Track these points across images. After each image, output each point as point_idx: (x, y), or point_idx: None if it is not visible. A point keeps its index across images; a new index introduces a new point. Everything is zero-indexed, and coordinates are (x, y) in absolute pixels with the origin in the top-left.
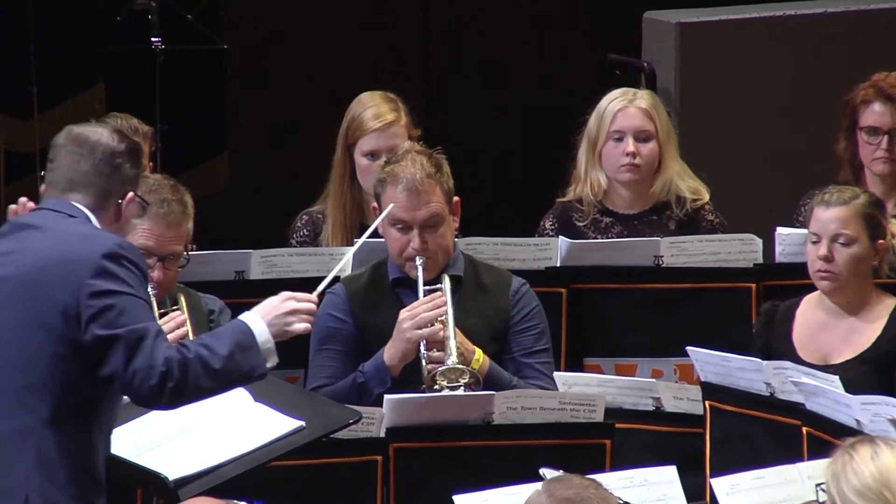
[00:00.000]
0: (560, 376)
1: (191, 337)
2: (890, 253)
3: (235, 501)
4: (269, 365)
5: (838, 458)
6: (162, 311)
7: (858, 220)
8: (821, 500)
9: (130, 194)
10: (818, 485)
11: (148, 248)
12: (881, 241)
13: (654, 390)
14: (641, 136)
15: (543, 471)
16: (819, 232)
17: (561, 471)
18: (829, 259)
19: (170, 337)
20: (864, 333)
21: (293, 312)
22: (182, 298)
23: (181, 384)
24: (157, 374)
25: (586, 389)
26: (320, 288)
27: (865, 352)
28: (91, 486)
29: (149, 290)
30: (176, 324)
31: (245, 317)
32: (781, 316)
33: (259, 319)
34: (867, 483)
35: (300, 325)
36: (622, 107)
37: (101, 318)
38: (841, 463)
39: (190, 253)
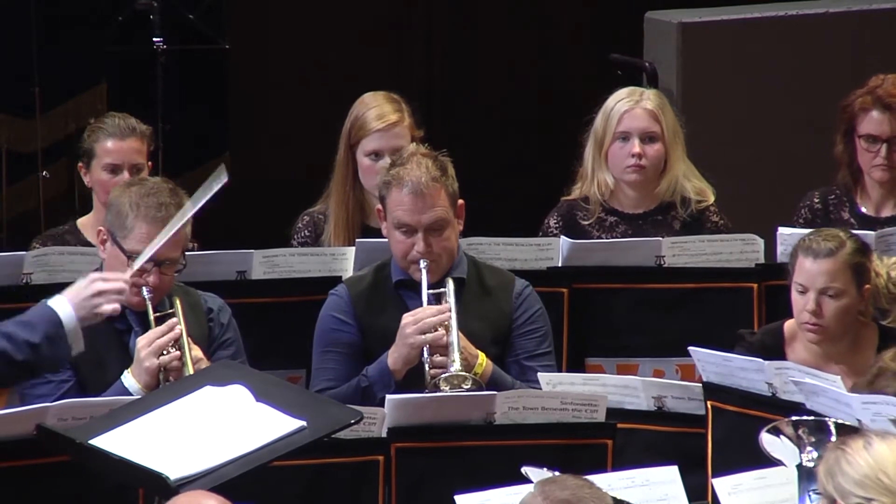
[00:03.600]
0: (544, 376)
1: (185, 339)
2: (876, 292)
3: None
4: (74, 352)
5: (830, 455)
6: (158, 314)
7: (847, 271)
8: None
9: None
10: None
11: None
12: (867, 286)
13: (637, 388)
14: (647, 138)
15: (525, 470)
16: (806, 284)
17: (545, 469)
18: (817, 314)
19: (161, 343)
20: (861, 366)
21: (100, 294)
22: (178, 301)
23: None
24: None
25: (570, 388)
26: (136, 265)
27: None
28: None
29: (145, 293)
30: (172, 335)
31: (54, 303)
32: (770, 350)
33: (67, 304)
34: (864, 471)
35: (108, 307)
36: (628, 108)
37: None
38: (833, 458)
39: (192, 252)
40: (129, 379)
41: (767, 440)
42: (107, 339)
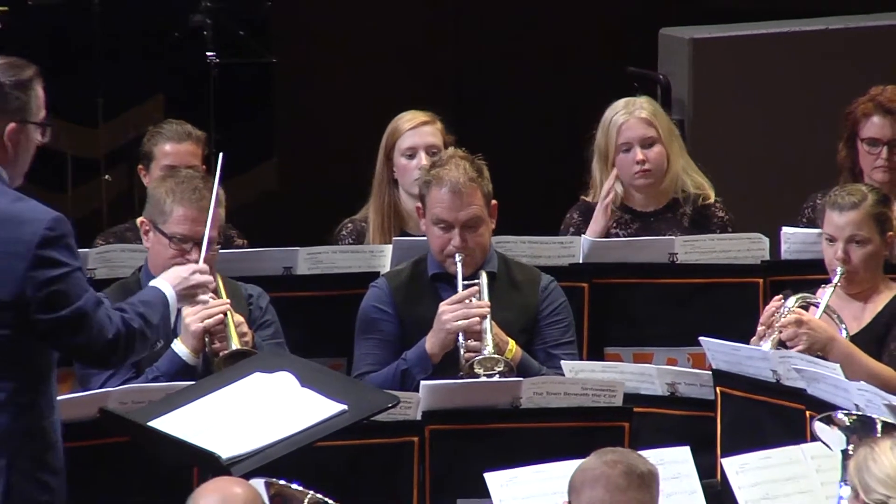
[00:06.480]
0: (566, 364)
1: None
2: None
3: (276, 481)
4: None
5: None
6: None
7: (870, 220)
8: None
9: (12, 125)
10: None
11: (183, 234)
12: (890, 234)
13: (652, 375)
14: (647, 143)
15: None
16: (834, 234)
17: None
18: (846, 261)
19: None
20: (864, 315)
21: (199, 286)
22: (219, 277)
23: (123, 354)
24: (102, 346)
25: (591, 375)
26: (201, 255)
27: (860, 332)
28: (44, 448)
29: None
30: (218, 304)
31: (160, 285)
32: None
33: (170, 288)
34: (887, 471)
35: (204, 297)
36: (624, 120)
37: (46, 306)
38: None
39: (242, 250)
40: (178, 345)
41: (819, 427)
42: None
